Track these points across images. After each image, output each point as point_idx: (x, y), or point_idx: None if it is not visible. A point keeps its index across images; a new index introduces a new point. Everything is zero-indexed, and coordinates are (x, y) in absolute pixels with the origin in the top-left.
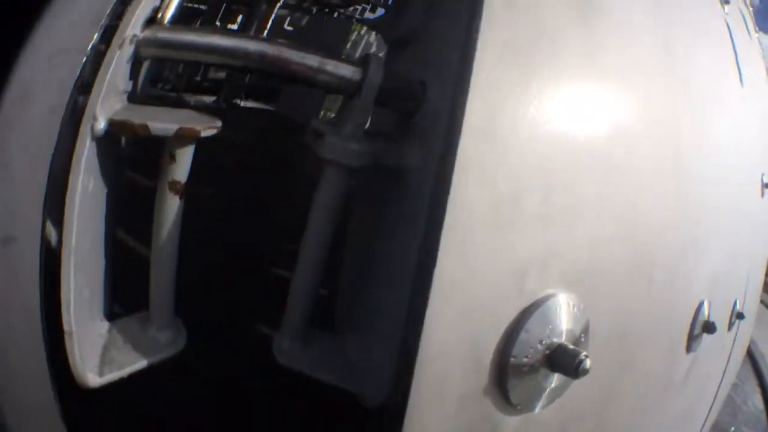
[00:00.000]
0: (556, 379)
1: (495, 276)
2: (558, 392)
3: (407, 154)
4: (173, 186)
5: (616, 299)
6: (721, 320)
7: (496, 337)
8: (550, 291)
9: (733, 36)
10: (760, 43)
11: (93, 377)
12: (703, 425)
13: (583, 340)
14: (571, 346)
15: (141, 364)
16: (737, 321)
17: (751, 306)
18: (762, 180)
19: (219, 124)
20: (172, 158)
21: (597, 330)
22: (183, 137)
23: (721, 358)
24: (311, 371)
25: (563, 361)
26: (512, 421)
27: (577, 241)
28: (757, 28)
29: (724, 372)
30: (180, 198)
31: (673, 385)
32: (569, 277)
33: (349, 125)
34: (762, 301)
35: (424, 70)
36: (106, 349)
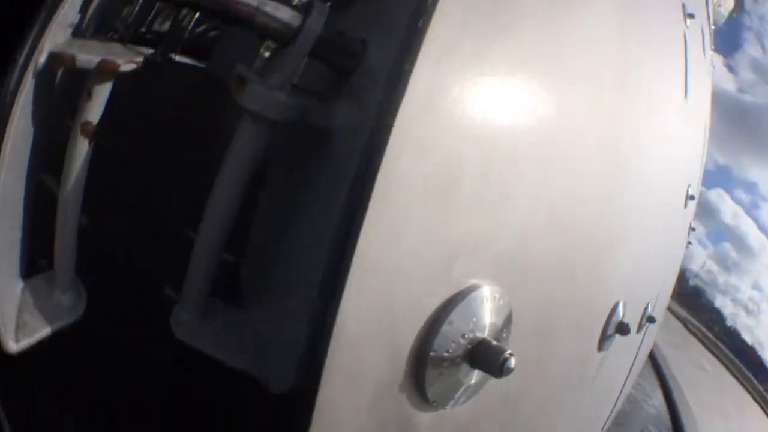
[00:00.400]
0: (476, 375)
1: (422, 258)
2: (476, 389)
3: (338, 115)
4: (85, 127)
5: (540, 293)
6: (632, 322)
7: (417, 326)
8: (476, 281)
9: (687, 50)
10: (713, 63)
11: (12, 343)
12: (606, 421)
13: (504, 335)
14: (495, 343)
15: (46, 330)
16: (647, 324)
17: (660, 310)
18: (688, 191)
19: (140, 59)
20: (89, 95)
21: (518, 324)
22: (104, 71)
23: (627, 359)
24: (211, 349)
25: (486, 358)
26: (426, 417)
27: (509, 228)
28: (713, 47)
29: (630, 372)
30: (89, 142)
31: (583, 383)
32: (497, 267)
33: (278, 75)
34: (668, 307)
35: (367, 29)
36: (20, 311)
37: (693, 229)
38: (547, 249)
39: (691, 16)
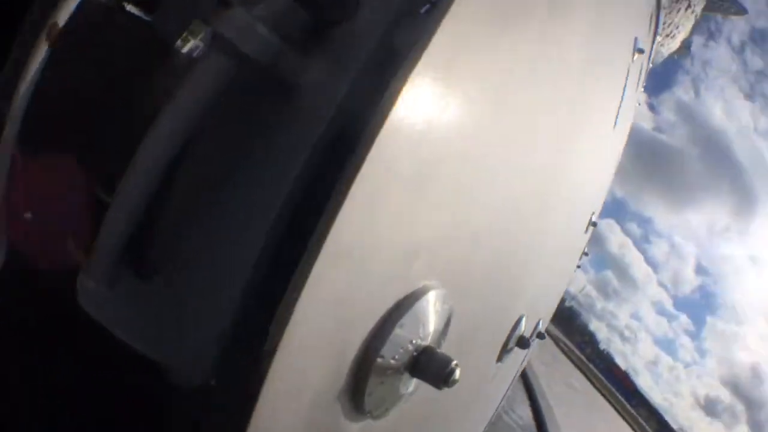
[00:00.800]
0: (412, 385)
1: (389, 252)
2: (406, 399)
3: (312, 69)
4: (51, 29)
5: (473, 301)
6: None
7: (367, 327)
8: (428, 282)
9: (627, 83)
10: (639, 99)
11: None
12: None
13: (443, 342)
14: (440, 351)
15: None
16: (536, 340)
17: (545, 327)
18: (591, 218)
19: None
20: None
21: (450, 331)
22: None
23: (513, 371)
24: (114, 324)
25: (430, 367)
26: (354, 428)
27: (464, 232)
28: (644, 85)
29: (511, 383)
30: (49, 46)
31: (480, 393)
32: (448, 270)
33: (262, 8)
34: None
35: None
36: None
37: (586, 254)
38: (488, 258)
39: (641, 51)
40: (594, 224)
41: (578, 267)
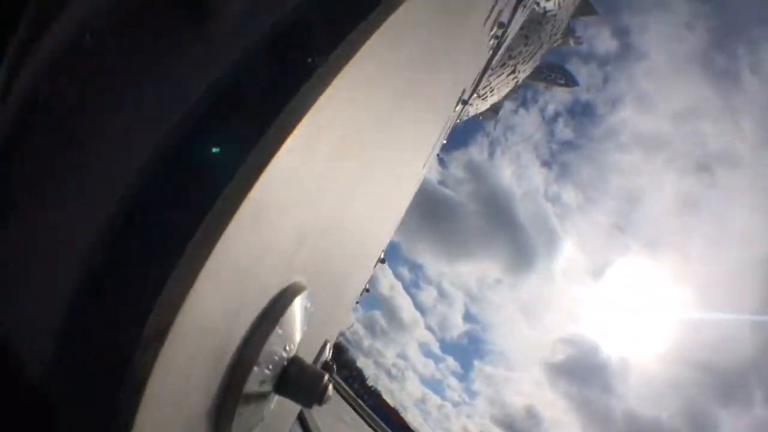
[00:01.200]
0: (273, 403)
1: (288, 231)
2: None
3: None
4: None
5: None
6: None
7: (249, 320)
8: (301, 278)
9: (444, 130)
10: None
11: None
12: None
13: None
14: (310, 364)
15: None
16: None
17: None
18: (381, 255)
19: None
20: None
21: None
22: None
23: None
24: None
25: (300, 383)
26: None
27: (332, 231)
28: (447, 136)
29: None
30: None
31: (287, 422)
32: (316, 270)
33: None
34: None
35: None
36: None
37: (367, 290)
38: (334, 269)
39: (465, 102)
40: (383, 261)
41: (357, 303)
